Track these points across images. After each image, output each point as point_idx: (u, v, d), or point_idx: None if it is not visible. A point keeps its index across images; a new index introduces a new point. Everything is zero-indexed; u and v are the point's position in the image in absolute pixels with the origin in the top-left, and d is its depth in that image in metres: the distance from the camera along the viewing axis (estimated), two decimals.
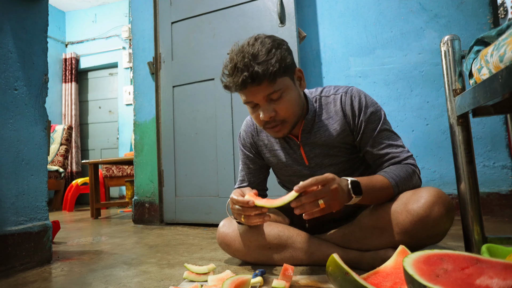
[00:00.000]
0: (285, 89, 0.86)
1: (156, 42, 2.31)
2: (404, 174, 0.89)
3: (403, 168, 0.90)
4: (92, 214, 2.82)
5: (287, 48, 0.89)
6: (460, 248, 1.09)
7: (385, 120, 0.95)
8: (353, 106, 0.94)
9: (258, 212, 0.83)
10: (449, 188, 1.81)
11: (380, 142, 0.93)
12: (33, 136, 1.26)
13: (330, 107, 0.97)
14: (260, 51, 0.83)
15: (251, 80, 0.82)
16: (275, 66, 0.81)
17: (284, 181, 1.12)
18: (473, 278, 0.47)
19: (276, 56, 0.83)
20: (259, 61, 0.81)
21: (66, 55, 4.88)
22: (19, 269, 1.12)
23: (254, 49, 0.83)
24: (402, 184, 0.88)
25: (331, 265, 0.67)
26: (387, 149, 0.92)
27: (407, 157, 0.92)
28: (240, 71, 0.82)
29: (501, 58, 0.63)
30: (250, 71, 0.81)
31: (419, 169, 0.94)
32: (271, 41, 0.85)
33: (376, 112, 0.93)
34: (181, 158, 2.15)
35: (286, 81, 0.87)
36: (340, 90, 0.97)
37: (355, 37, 2.05)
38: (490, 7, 1.79)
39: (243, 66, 0.82)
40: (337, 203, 0.77)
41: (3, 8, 1.19)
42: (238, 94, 0.90)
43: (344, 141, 0.96)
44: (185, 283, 0.86)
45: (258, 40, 0.86)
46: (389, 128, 0.95)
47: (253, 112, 0.90)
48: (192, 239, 1.58)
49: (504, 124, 1.76)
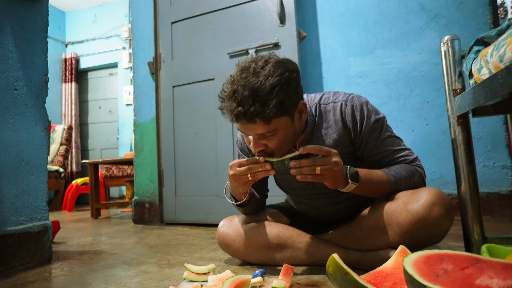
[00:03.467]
0: (279, 128, 0.80)
1: (156, 42, 2.31)
2: (406, 173, 0.89)
3: (406, 167, 0.90)
4: (92, 214, 2.82)
5: (296, 83, 0.81)
6: (460, 248, 1.09)
7: (386, 126, 0.93)
8: (354, 116, 0.91)
9: (263, 168, 0.82)
10: (449, 188, 1.81)
11: (385, 150, 0.92)
12: (33, 136, 1.26)
13: (329, 115, 0.94)
14: (262, 86, 0.75)
15: (244, 117, 0.77)
16: (272, 110, 0.75)
17: (283, 186, 1.11)
18: (473, 278, 0.47)
19: (277, 98, 0.75)
20: (258, 100, 0.75)
21: (66, 55, 4.89)
22: (19, 269, 1.12)
23: (257, 82, 0.76)
24: (401, 182, 0.88)
25: (331, 265, 0.67)
26: (394, 155, 0.92)
27: (414, 159, 0.92)
28: (236, 102, 0.76)
29: (501, 58, 0.63)
30: (246, 109, 0.75)
31: (424, 171, 0.94)
32: (279, 74, 0.77)
33: (379, 120, 0.92)
34: (181, 158, 2.15)
35: (283, 121, 0.80)
36: (340, 98, 0.94)
37: (355, 37, 2.05)
38: (490, 7, 1.79)
39: (242, 98, 0.76)
40: (332, 178, 0.78)
41: (3, 8, 1.19)
42: None
43: (343, 152, 0.94)
44: (185, 283, 0.86)
45: (266, 67, 0.78)
46: (391, 134, 0.94)
47: (245, 136, 0.88)
48: (192, 239, 1.58)
49: (504, 124, 1.76)
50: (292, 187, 1.06)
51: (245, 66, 0.80)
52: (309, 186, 1.01)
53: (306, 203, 1.08)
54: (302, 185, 1.02)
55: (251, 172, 0.83)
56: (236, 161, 0.86)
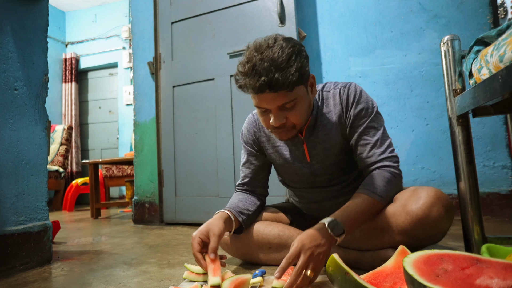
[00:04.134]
0: (299, 98, 0.85)
1: (156, 42, 2.31)
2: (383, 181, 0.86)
3: (380, 175, 0.87)
4: (92, 214, 2.82)
5: (305, 54, 0.86)
6: (460, 248, 1.09)
7: (375, 117, 0.92)
8: (348, 98, 0.94)
9: None
10: (449, 188, 1.81)
11: (363, 138, 0.91)
12: (33, 136, 1.25)
13: (330, 101, 0.97)
14: (280, 56, 0.78)
15: (269, 86, 0.78)
16: (294, 75, 0.78)
17: (285, 179, 1.12)
18: (473, 278, 0.47)
19: (296, 64, 0.79)
20: (279, 68, 0.78)
21: (66, 55, 4.89)
22: (19, 269, 1.12)
23: (274, 53, 0.78)
24: (387, 192, 0.85)
25: (331, 265, 0.67)
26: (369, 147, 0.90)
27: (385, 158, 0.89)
28: (258, 74, 0.78)
29: (501, 58, 0.63)
30: (270, 77, 0.77)
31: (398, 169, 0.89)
32: (291, 46, 0.81)
33: (367, 108, 0.92)
34: (181, 158, 2.15)
35: (301, 90, 0.85)
36: (340, 85, 0.98)
37: (355, 37, 2.05)
38: (490, 7, 1.79)
39: (262, 70, 0.78)
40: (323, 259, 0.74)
41: (3, 8, 1.19)
42: (243, 93, 0.89)
43: (343, 135, 0.96)
44: (185, 283, 0.86)
45: (277, 43, 0.81)
46: (377, 126, 0.92)
47: (262, 115, 0.89)
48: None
49: (504, 124, 1.76)
50: (294, 180, 1.07)
51: (257, 45, 0.83)
52: (310, 180, 1.03)
53: (307, 197, 1.09)
54: (303, 178, 1.03)
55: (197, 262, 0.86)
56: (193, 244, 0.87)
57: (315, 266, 0.73)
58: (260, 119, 0.93)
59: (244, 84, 0.83)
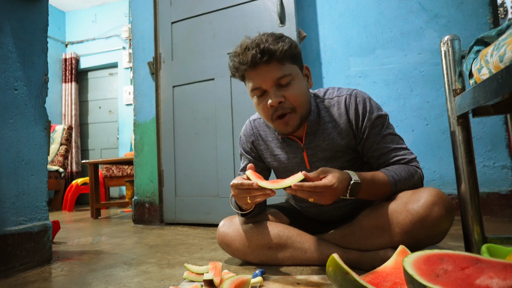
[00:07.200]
0: (294, 76, 0.88)
1: (156, 42, 2.31)
2: (406, 173, 0.89)
3: (406, 167, 0.90)
4: (92, 214, 2.82)
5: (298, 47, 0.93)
6: (460, 248, 1.09)
7: (388, 123, 0.94)
8: (357, 109, 0.93)
9: (262, 193, 0.81)
10: (449, 188, 1.81)
11: (384, 147, 0.93)
12: (33, 136, 1.25)
13: (334, 110, 0.96)
14: (271, 36, 0.88)
15: (261, 55, 0.84)
16: (285, 46, 0.85)
17: None
18: (473, 278, 0.47)
19: (288, 41, 0.88)
20: (270, 41, 0.85)
21: (66, 55, 4.89)
22: (19, 269, 1.12)
23: (264, 36, 0.88)
24: (401, 183, 0.88)
25: (331, 265, 0.67)
26: (392, 153, 0.93)
27: (412, 159, 0.93)
28: (251, 48, 0.85)
29: (501, 58, 0.63)
30: (262, 48, 0.84)
31: (422, 171, 0.95)
32: (279, 34, 0.90)
33: (381, 116, 0.93)
34: (181, 158, 2.15)
35: (295, 69, 0.89)
36: (344, 92, 0.96)
37: (355, 37, 2.05)
38: (490, 7, 1.79)
39: (255, 45, 0.85)
40: (328, 202, 0.79)
41: (3, 8, 1.19)
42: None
43: (348, 145, 0.95)
44: (185, 283, 0.86)
45: (266, 33, 0.91)
46: (393, 132, 0.95)
47: (260, 102, 0.90)
48: (192, 239, 1.58)
49: (504, 124, 1.76)
50: None
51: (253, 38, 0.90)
52: None
53: (307, 201, 1.08)
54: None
55: (250, 196, 0.83)
56: (235, 183, 0.85)
57: (319, 199, 0.77)
58: (258, 111, 0.93)
59: (238, 61, 0.88)
